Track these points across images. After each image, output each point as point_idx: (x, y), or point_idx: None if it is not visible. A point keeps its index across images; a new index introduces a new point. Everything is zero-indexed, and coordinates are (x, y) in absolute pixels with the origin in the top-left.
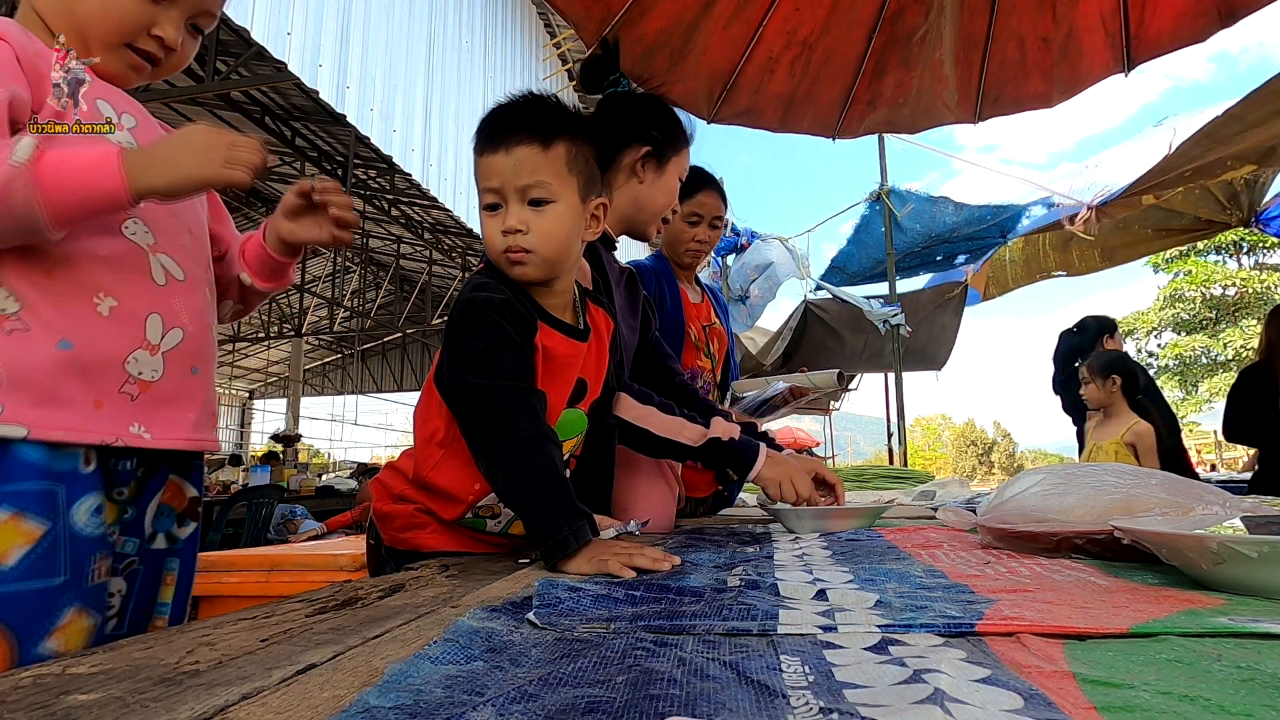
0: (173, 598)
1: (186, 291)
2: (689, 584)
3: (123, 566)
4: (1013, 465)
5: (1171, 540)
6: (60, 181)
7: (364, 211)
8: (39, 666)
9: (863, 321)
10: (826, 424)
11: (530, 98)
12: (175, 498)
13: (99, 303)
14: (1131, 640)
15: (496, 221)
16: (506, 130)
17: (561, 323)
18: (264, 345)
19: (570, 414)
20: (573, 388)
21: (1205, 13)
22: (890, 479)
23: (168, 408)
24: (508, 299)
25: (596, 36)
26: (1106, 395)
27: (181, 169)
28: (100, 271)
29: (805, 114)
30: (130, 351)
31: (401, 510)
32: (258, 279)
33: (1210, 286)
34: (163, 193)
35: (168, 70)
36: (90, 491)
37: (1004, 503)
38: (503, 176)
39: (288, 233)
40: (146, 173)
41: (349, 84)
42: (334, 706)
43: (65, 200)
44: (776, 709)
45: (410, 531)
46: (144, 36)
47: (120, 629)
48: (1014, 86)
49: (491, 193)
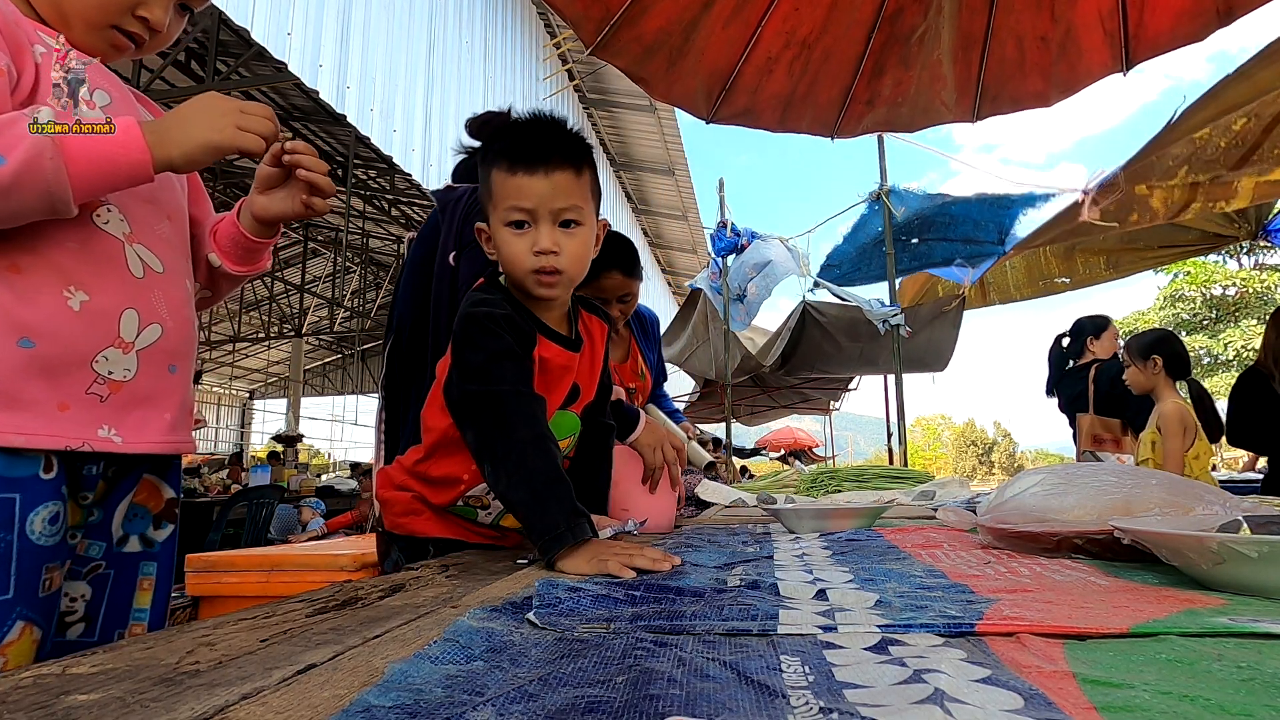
0: (151, 602)
1: (166, 284)
2: (689, 584)
3: (86, 571)
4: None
5: (1171, 540)
6: (88, 154)
7: (364, 212)
8: (39, 666)
9: (860, 328)
10: (826, 424)
11: (555, 120)
12: (151, 499)
13: (69, 296)
14: (1131, 640)
15: (525, 240)
16: (543, 154)
17: (557, 334)
18: (264, 345)
19: (563, 416)
20: (567, 392)
21: (1204, 12)
22: (890, 479)
23: (142, 408)
24: (508, 314)
25: (596, 36)
26: (1148, 378)
27: (194, 136)
28: (70, 263)
29: (804, 114)
30: (100, 350)
31: (400, 497)
32: (228, 261)
33: (1210, 286)
34: (179, 163)
35: (152, 49)
36: (49, 499)
37: (1004, 503)
38: (539, 198)
39: (261, 208)
40: (164, 144)
41: (349, 84)
42: (334, 706)
43: (91, 173)
44: (776, 709)
45: (407, 517)
46: (129, 17)
47: (90, 635)
48: (1012, 85)
49: (523, 212)
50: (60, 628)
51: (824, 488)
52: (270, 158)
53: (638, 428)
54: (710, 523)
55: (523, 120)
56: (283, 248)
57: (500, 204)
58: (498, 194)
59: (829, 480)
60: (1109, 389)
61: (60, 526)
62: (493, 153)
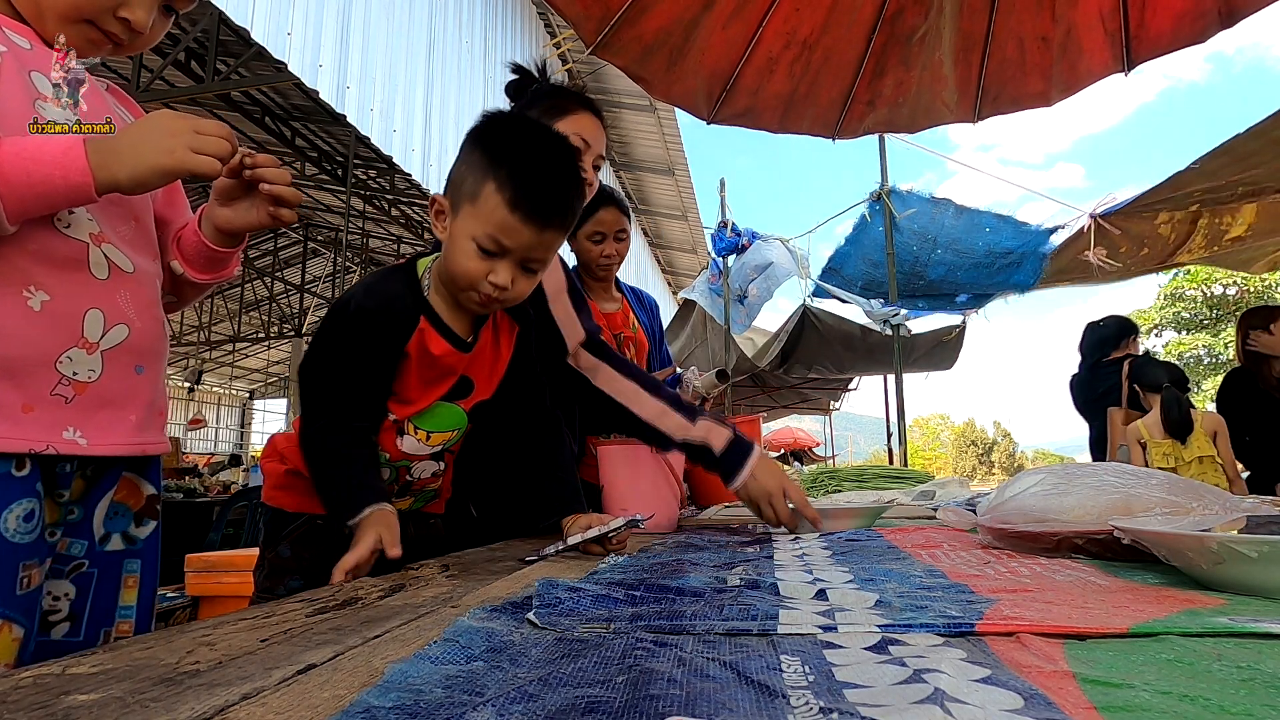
0: (137, 600)
1: (134, 285)
2: (689, 584)
3: (68, 569)
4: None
5: (1171, 540)
6: (26, 174)
7: (364, 211)
8: (39, 666)
9: (856, 340)
10: (826, 424)
11: (573, 171)
12: (131, 496)
13: (29, 297)
14: (1131, 640)
15: (486, 266)
16: (548, 213)
17: (451, 332)
18: (264, 345)
19: (444, 407)
20: (452, 385)
21: (1206, 13)
22: (890, 479)
23: (107, 409)
24: (383, 309)
25: (596, 36)
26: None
27: (144, 159)
28: (29, 265)
29: (805, 114)
30: (63, 350)
31: (275, 469)
32: (191, 269)
33: (1211, 285)
34: (125, 186)
35: (134, 50)
36: (23, 497)
37: (1004, 503)
38: (522, 247)
39: (223, 220)
40: (110, 165)
41: (349, 84)
42: (334, 706)
43: (28, 195)
44: (776, 709)
45: (279, 490)
46: (109, 17)
47: (76, 635)
48: (1013, 85)
49: (498, 246)
50: (44, 627)
51: (824, 488)
52: (228, 170)
53: (745, 468)
54: (711, 522)
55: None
56: (283, 247)
57: (481, 221)
58: (484, 211)
59: (829, 480)
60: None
61: (36, 524)
62: (497, 165)
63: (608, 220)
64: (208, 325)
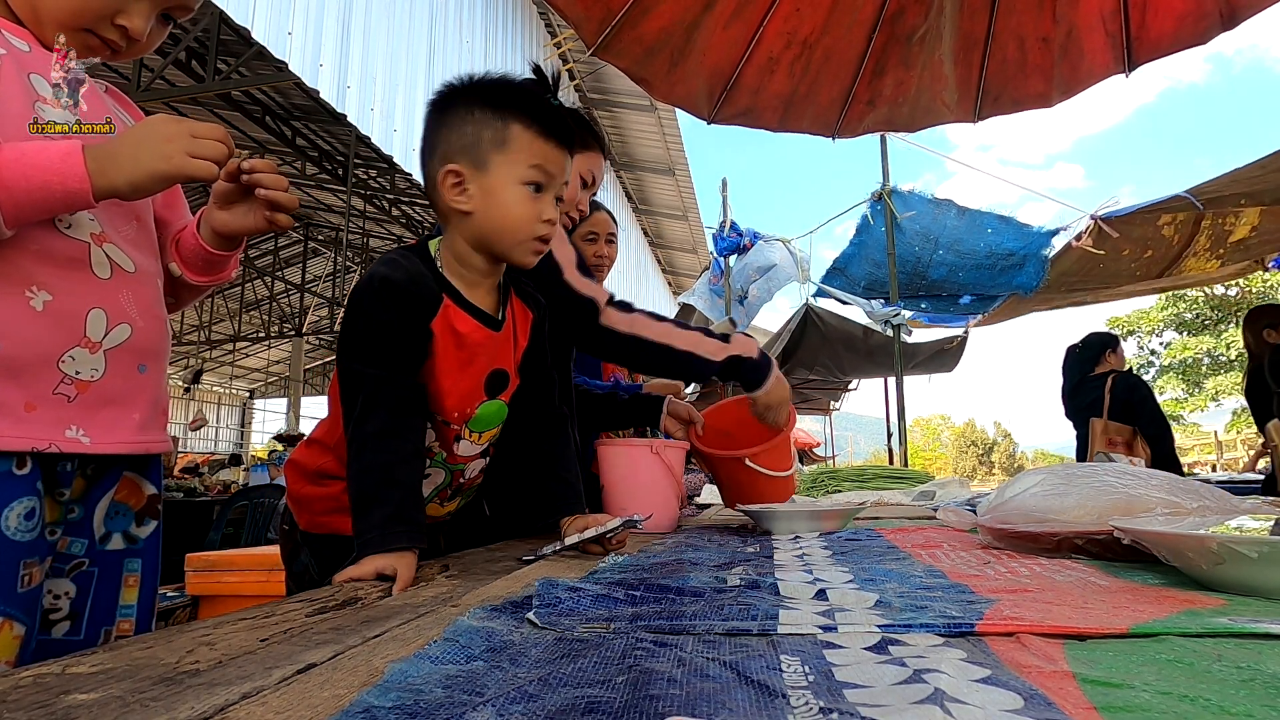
0: (138, 599)
1: (136, 284)
2: (689, 584)
3: (69, 568)
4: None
5: (1171, 540)
6: (24, 179)
7: (364, 211)
8: (39, 666)
9: (857, 341)
10: (826, 424)
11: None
12: (132, 495)
13: (31, 297)
14: (1131, 640)
15: (540, 205)
16: (570, 135)
17: (475, 308)
18: (264, 345)
19: (489, 406)
20: (488, 377)
21: (1207, 15)
22: (890, 479)
23: (110, 408)
24: (407, 279)
25: (597, 37)
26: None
27: (142, 164)
28: (31, 265)
29: (805, 114)
30: (66, 349)
31: (324, 492)
32: (189, 272)
33: (1212, 285)
34: (124, 193)
35: (130, 56)
36: (24, 495)
37: (1004, 503)
38: (560, 171)
39: (221, 223)
40: (108, 171)
41: (349, 84)
42: (334, 706)
43: (26, 200)
44: (776, 709)
45: (334, 515)
46: (107, 24)
47: (76, 634)
48: (1014, 86)
49: (545, 176)
50: (45, 625)
51: (824, 488)
52: (226, 174)
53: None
54: (711, 522)
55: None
56: (283, 247)
57: (521, 161)
58: (519, 151)
59: (829, 480)
60: (1126, 397)
61: (37, 522)
62: (515, 108)
63: (601, 223)
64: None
